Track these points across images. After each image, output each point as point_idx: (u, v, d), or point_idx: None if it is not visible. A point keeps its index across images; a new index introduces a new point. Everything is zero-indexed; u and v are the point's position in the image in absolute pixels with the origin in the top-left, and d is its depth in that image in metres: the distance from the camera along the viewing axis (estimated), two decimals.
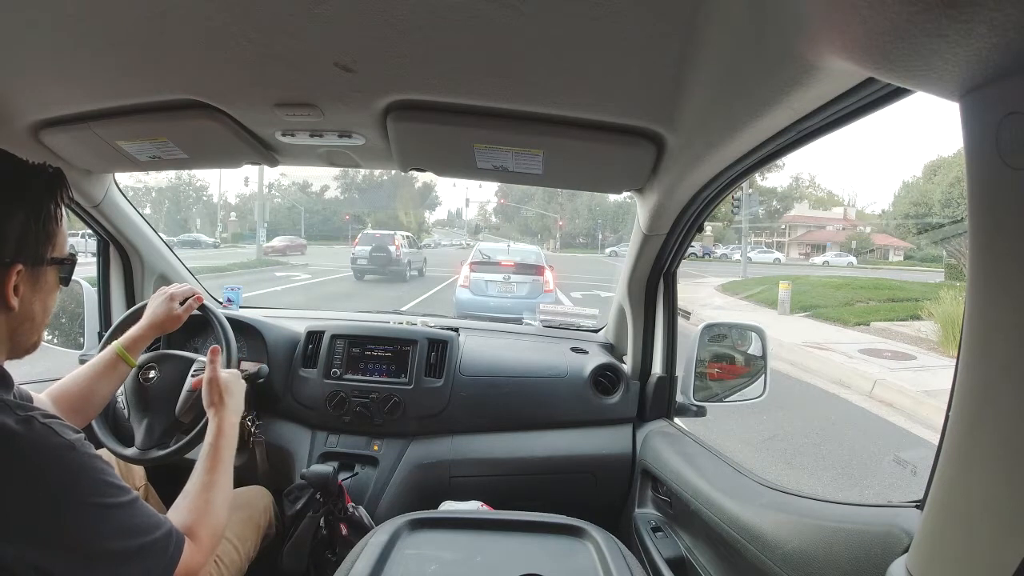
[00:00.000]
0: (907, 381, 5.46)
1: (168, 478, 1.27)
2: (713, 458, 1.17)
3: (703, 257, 27.26)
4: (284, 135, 1.10)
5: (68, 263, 0.74)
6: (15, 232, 0.65)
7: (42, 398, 0.93)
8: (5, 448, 0.58)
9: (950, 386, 0.49)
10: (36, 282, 0.69)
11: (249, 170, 20.34)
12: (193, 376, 1.20)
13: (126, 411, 1.20)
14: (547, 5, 0.62)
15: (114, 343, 1.09)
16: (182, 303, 1.19)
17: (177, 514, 0.78)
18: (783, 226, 35.86)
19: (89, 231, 1.61)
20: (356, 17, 0.68)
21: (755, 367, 1.47)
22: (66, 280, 0.75)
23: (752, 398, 1.44)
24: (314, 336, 1.55)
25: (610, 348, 1.69)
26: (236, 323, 1.43)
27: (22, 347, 0.72)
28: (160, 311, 1.16)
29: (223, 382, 1.01)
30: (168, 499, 0.84)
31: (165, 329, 1.17)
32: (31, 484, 0.59)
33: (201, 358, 1.27)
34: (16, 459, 0.59)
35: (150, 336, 1.14)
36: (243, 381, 1.08)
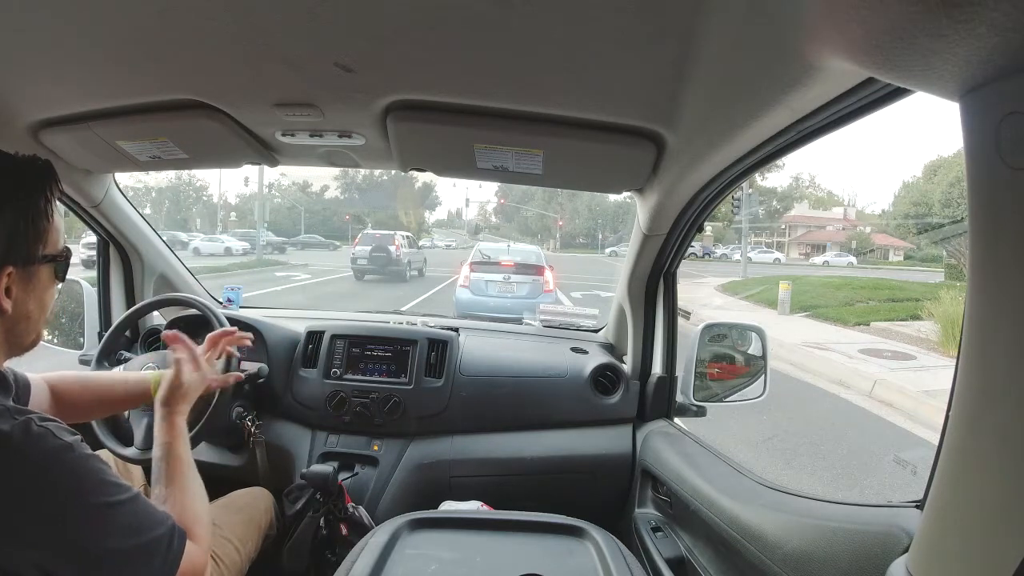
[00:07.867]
0: (907, 381, 5.45)
1: None
2: (713, 458, 1.17)
3: (703, 257, 27.18)
4: (284, 135, 1.10)
5: (62, 259, 0.71)
6: (3, 233, 0.64)
7: (38, 380, 0.90)
8: (3, 453, 0.58)
9: (950, 386, 0.49)
10: (29, 282, 0.68)
11: (249, 170, 20.32)
12: None
13: (126, 411, 1.20)
14: (547, 5, 0.62)
15: (152, 374, 1.01)
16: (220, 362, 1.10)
17: None
18: (783, 226, 35.79)
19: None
20: (356, 17, 0.68)
21: (755, 367, 1.47)
22: (62, 276, 0.73)
23: (752, 398, 1.44)
24: (314, 336, 1.55)
25: (610, 348, 1.69)
26: (236, 323, 1.42)
27: (21, 346, 0.71)
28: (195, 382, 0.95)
29: (188, 383, 0.92)
30: None
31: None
32: (31, 487, 0.59)
33: None
34: (15, 463, 0.58)
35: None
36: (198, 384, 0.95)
